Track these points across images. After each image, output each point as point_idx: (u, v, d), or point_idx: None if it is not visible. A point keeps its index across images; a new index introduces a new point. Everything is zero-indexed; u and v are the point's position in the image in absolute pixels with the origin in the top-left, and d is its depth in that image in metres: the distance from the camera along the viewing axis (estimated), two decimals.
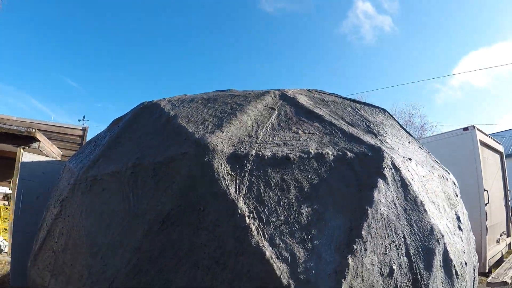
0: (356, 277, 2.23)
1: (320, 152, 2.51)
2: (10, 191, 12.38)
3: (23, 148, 9.07)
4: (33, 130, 9.23)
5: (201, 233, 2.28)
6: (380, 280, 2.29)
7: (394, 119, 3.23)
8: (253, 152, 2.48)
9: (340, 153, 2.53)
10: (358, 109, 3.14)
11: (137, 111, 3.24)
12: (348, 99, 3.30)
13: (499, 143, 8.39)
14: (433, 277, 2.41)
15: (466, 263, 2.72)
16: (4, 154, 14.27)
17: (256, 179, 2.40)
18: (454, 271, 2.54)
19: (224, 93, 3.23)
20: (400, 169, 2.58)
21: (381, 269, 2.31)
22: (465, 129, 6.87)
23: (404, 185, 2.55)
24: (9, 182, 14.77)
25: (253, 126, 2.73)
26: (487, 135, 7.48)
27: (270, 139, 2.62)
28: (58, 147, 11.57)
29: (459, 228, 2.81)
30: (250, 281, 2.16)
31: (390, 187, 2.50)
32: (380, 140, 2.75)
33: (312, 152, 2.51)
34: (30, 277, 3.19)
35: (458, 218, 2.86)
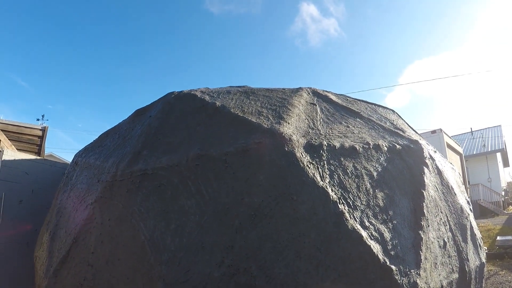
0: (427, 249, 2.52)
1: (377, 143, 2.75)
2: None
3: None
4: None
5: (298, 223, 2.26)
6: (439, 251, 2.62)
7: (402, 118, 3.69)
8: (325, 142, 2.57)
9: (390, 145, 2.82)
10: (374, 109, 3.50)
11: (170, 100, 2.95)
12: (358, 99, 3.63)
13: (459, 145, 9.74)
14: (468, 248, 2.87)
15: (481, 237, 3.29)
16: None
17: (334, 168, 2.50)
18: (478, 243, 3.06)
19: (255, 88, 3.20)
20: (434, 158, 3.01)
21: (438, 242, 2.65)
22: (433, 132, 7.86)
23: (439, 172, 2.99)
24: None
25: (307, 119, 2.81)
26: (450, 137, 8.67)
27: (330, 132, 2.74)
28: (16, 149, 9.36)
29: (470, 210, 3.38)
30: (352, 263, 2.23)
31: (431, 173, 2.89)
32: (408, 135, 3.14)
33: (371, 143, 2.73)
34: None
35: (468, 202, 3.44)
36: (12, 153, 3.88)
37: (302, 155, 2.44)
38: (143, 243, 2.29)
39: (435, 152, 3.26)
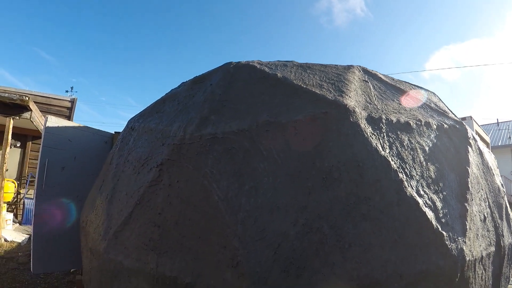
0: (471, 220, 2.72)
1: (427, 121, 2.93)
2: None
3: (13, 118, 7.53)
4: (27, 98, 7.80)
5: (364, 187, 2.42)
6: (480, 224, 2.84)
7: (443, 101, 3.87)
8: (383, 116, 2.73)
9: (438, 123, 3.00)
10: (418, 90, 3.68)
11: (229, 69, 3.05)
12: (401, 80, 3.80)
13: (487, 134, 9.85)
14: (503, 225, 3.09)
15: None
16: None
17: (393, 140, 2.66)
18: (511, 222, 3.30)
19: (309, 63, 3.33)
20: (476, 139, 3.21)
21: (479, 216, 2.86)
22: (463, 119, 7.92)
23: (480, 153, 3.20)
24: None
25: (364, 95, 2.96)
26: (479, 125, 8.74)
27: (386, 108, 2.90)
28: None
29: (505, 191, 3.61)
30: (410, 227, 2.42)
31: (474, 153, 3.10)
32: (452, 116, 3.33)
33: (422, 121, 2.90)
34: (106, 259, 2.66)
35: (502, 185, 3.67)
36: (56, 120, 3.93)
37: (366, 126, 2.60)
38: (217, 203, 2.41)
39: (476, 134, 3.48)
